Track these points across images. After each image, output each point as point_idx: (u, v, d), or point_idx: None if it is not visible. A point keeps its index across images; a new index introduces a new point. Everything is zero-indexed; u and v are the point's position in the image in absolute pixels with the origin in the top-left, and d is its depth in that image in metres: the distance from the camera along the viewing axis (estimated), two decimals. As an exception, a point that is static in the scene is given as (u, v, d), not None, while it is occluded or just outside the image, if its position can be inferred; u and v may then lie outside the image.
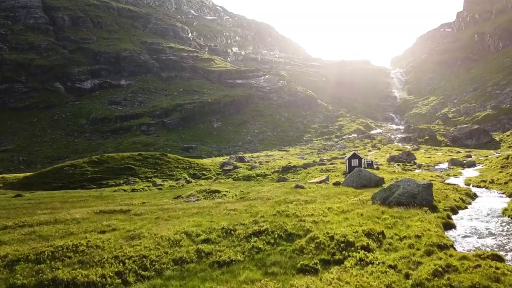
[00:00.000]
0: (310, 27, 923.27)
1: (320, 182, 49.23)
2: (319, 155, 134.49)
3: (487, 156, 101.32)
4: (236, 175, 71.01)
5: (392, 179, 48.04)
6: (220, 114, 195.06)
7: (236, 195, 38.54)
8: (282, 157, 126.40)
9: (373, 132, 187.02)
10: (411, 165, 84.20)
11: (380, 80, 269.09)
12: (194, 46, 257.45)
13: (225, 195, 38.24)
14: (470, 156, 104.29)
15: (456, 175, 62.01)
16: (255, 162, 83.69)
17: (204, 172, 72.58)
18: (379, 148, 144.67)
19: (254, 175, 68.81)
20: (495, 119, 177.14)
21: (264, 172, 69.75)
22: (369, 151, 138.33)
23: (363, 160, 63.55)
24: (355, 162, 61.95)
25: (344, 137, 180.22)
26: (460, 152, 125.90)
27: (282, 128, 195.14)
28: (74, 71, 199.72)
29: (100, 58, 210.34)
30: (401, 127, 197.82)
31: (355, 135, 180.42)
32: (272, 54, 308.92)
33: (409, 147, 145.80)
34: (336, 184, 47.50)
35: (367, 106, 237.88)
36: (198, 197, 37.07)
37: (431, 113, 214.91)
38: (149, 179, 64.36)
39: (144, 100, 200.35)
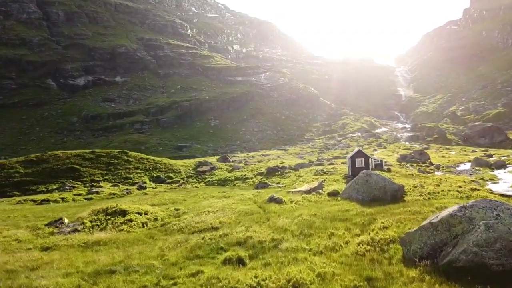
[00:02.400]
0: (313, 25, 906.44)
1: (310, 191, 33.33)
2: (320, 154, 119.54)
3: (508, 156, 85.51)
4: (211, 178, 55.87)
5: (415, 187, 31.98)
6: (218, 112, 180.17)
7: (158, 219, 23.06)
8: (279, 157, 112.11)
9: (378, 130, 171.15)
10: (427, 166, 67.92)
11: (384, 78, 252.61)
12: (193, 43, 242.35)
13: (130, 220, 22.58)
14: (491, 156, 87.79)
15: (493, 179, 46.02)
16: (240, 163, 68.10)
17: (171, 175, 57.31)
18: (385, 147, 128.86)
19: (232, 178, 53.57)
20: (507, 117, 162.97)
21: (245, 175, 54.41)
22: (375, 150, 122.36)
23: (370, 160, 47.39)
24: (360, 162, 46.08)
25: (347, 136, 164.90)
26: (476, 151, 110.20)
27: (282, 127, 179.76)
28: (67, 68, 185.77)
29: (95, 54, 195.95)
30: (407, 125, 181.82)
31: (359, 133, 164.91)
32: (274, 52, 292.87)
33: (417, 146, 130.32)
34: (333, 194, 31.76)
35: (371, 104, 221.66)
36: (85, 224, 21.46)
37: (438, 111, 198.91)
38: (94, 184, 48.87)
39: (139, 98, 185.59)
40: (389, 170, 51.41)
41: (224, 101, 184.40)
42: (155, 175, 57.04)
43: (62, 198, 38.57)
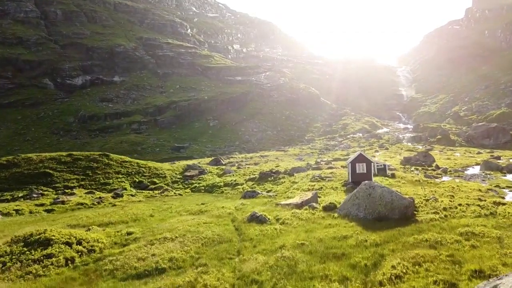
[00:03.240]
0: (314, 25, 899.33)
1: (302, 204, 27.85)
2: (320, 155, 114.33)
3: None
4: (198, 184, 50.83)
5: (427, 201, 26.54)
6: (217, 112, 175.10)
7: (95, 250, 17.83)
8: (277, 158, 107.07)
9: (379, 131, 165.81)
10: (433, 170, 62.51)
11: (386, 78, 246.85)
12: (193, 42, 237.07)
13: (50, 256, 17.16)
14: (499, 158, 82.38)
15: (510, 187, 40.03)
16: (233, 166, 62.72)
17: (155, 180, 52.14)
18: (387, 148, 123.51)
19: (221, 184, 48.44)
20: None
21: (235, 180, 49.25)
22: (376, 151, 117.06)
23: (372, 165, 41.79)
24: (361, 167, 40.75)
25: (348, 136, 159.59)
26: (481, 153, 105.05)
27: (282, 127, 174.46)
28: (64, 67, 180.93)
29: (93, 54, 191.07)
30: (409, 126, 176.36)
31: (360, 134, 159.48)
32: (274, 52, 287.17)
33: (420, 147, 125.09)
34: (329, 208, 26.43)
35: (373, 104, 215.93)
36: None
37: (440, 111, 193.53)
38: (67, 191, 43.67)
39: (137, 97, 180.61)
40: (393, 176, 46.00)
41: (224, 101, 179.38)
42: (137, 180, 51.85)
43: (17, 210, 32.90)
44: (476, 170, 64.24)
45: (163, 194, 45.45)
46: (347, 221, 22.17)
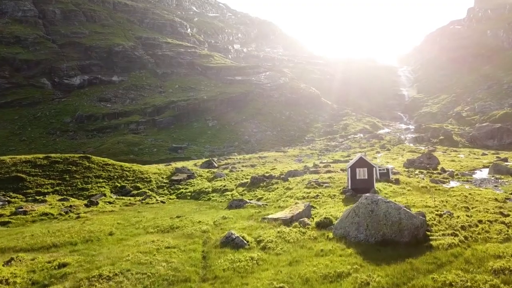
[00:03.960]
0: (315, 25, 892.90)
1: (292, 219, 23.32)
2: (320, 157, 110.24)
3: (524, 160, 75.95)
4: (185, 189, 46.64)
5: (440, 216, 22.05)
6: (216, 112, 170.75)
7: None
8: (275, 159, 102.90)
9: (380, 131, 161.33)
10: (439, 173, 57.92)
11: (387, 78, 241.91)
12: (193, 42, 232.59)
13: None
14: (506, 160, 78.28)
15: (529, 196, 35.34)
16: (226, 168, 58.27)
17: (139, 185, 47.81)
18: (388, 149, 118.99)
19: (210, 190, 44.20)
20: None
21: (224, 186, 44.97)
22: (378, 152, 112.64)
23: (375, 169, 37.13)
24: (362, 172, 36.25)
25: (349, 137, 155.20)
26: (486, 154, 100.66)
27: (282, 127, 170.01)
28: (62, 66, 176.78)
29: (91, 53, 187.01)
30: (411, 126, 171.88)
31: (361, 134, 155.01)
32: (275, 52, 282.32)
33: (423, 148, 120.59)
34: (323, 226, 21.97)
35: (374, 105, 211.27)
36: None
37: (442, 112, 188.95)
38: (38, 198, 39.33)
39: (136, 97, 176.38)
40: (397, 182, 41.44)
41: (223, 101, 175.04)
42: (119, 185, 47.54)
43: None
44: (484, 173, 59.79)
45: (143, 201, 41.15)
46: (344, 246, 17.64)
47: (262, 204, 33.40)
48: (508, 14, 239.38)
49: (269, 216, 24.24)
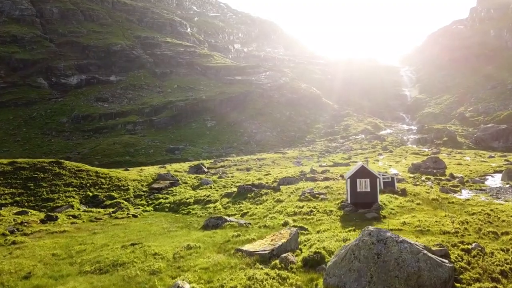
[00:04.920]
0: (317, 25, 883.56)
1: (272, 254, 17.75)
2: (320, 158, 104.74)
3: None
4: (164, 199, 41.39)
5: (466, 250, 16.33)
6: (215, 112, 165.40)
7: None
8: (273, 162, 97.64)
9: (382, 132, 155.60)
10: (448, 180, 52.15)
11: (389, 78, 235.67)
12: (192, 41, 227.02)
13: None
14: (517, 164, 71.42)
15: None
16: (215, 174, 52.60)
17: (113, 194, 42.51)
18: (391, 151, 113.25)
19: (191, 201, 38.96)
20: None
21: (209, 196, 39.75)
22: (380, 154, 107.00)
23: (378, 180, 31.30)
24: (363, 184, 30.64)
25: (350, 138, 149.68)
26: (493, 156, 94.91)
27: (282, 128, 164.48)
28: (60, 66, 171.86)
29: (89, 53, 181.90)
30: (413, 127, 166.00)
31: (363, 135, 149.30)
32: (276, 52, 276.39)
33: (426, 149, 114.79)
34: (312, 264, 17.05)
35: (376, 105, 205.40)
36: None
37: (445, 112, 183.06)
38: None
39: (133, 97, 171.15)
40: (404, 192, 35.72)
41: (222, 101, 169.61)
42: (91, 194, 42.14)
43: None
44: (497, 180, 54.17)
45: (113, 214, 35.79)
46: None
47: (245, 223, 27.95)
48: (511, 13, 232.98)
49: (245, 248, 18.66)
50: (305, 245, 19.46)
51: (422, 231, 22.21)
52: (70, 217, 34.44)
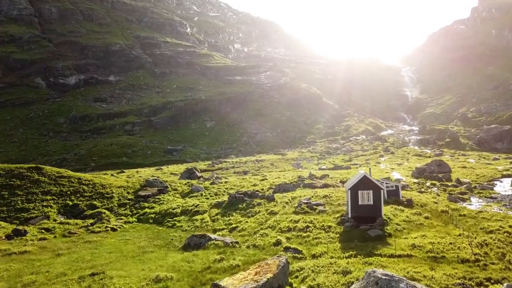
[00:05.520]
0: (317, 25, 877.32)
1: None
2: (320, 160, 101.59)
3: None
4: (150, 209, 38.39)
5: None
6: (214, 112, 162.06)
7: None
8: (272, 164, 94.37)
9: (383, 133, 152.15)
10: (455, 186, 48.72)
11: (390, 79, 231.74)
12: (192, 41, 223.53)
13: None
14: (525, 167, 67.80)
15: None
16: (207, 180, 48.87)
17: (95, 203, 39.28)
18: (392, 153, 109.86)
19: (178, 211, 35.91)
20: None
21: (197, 206, 37.02)
22: (381, 156, 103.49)
23: (383, 192, 27.78)
24: (366, 196, 27.32)
25: (351, 138, 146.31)
26: (497, 158, 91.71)
27: (282, 129, 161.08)
28: (58, 66, 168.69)
29: (88, 52, 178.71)
30: (415, 128, 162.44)
31: (364, 136, 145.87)
32: (276, 52, 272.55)
33: (428, 151, 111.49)
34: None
35: (376, 105, 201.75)
36: None
37: (447, 113, 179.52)
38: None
39: (132, 97, 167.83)
40: (410, 203, 32.25)
41: (222, 101, 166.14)
42: (71, 203, 38.76)
43: None
44: (506, 185, 51.02)
45: (91, 227, 32.48)
46: None
47: (231, 242, 24.59)
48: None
49: (223, 284, 15.20)
50: (296, 276, 16.19)
51: (436, 257, 18.88)
52: (42, 231, 31.11)
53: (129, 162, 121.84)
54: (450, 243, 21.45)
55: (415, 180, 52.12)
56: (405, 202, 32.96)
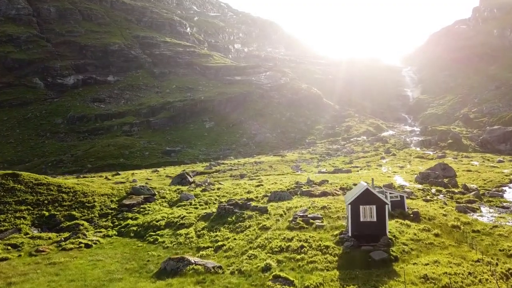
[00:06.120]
0: (318, 25, 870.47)
1: None
2: (320, 162, 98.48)
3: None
4: (134, 220, 35.54)
5: None
6: (214, 113, 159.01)
7: None
8: (271, 166, 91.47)
9: (384, 134, 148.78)
10: (462, 193, 45.66)
11: (390, 79, 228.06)
12: (192, 41, 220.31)
13: None
14: (533, 172, 64.40)
15: None
16: (199, 187, 45.59)
17: (74, 213, 36.18)
18: (394, 154, 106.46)
19: (163, 223, 33.02)
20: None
21: (184, 217, 34.37)
22: (382, 158, 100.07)
23: (387, 207, 24.30)
24: (368, 211, 24.08)
25: (352, 139, 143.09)
26: (502, 161, 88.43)
27: (282, 129, 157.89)
28: (56, 66, 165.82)
29: (86, 52, 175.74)
30: (416, 128, 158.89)
31: (365, 137, 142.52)
32: (277, 52, 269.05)
33: (431, 153, 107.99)
34: None
35: (377, 106, 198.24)
36: None
37: (449, 113, 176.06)
38: None
39: (131, 98, 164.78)
40: (416, 217, 28.96)
41: (221, 101, 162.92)
42: (47, 213, 35.35)
43: None
44: (515, 191, 47.06)
45: (62, 244, 29.21)
46: None
47: (213, 267, 21.30)
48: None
49: None
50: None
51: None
52: (8, 248, 27.80)
53: (126, 164, 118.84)
54: (469, 273, 18.10)
55: (420, 186, 48.77)
56: (412, 215, 29.59)
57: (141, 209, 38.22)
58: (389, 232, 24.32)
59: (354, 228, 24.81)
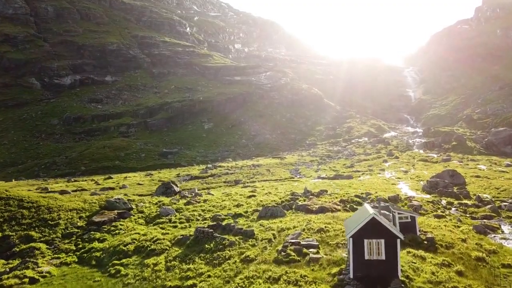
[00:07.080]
0: (319, 25, 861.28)
1: None
2: (320, 165, 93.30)
3: None
4: (101, 242, 30.79)
5: None
6: (213, 114, 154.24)
7: None
8: (268, 170, 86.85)
9: (386, 135, 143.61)
10: (477, 207, 40.22)
11: (392, 79, 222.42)
12: (191, 41, 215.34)
13: None
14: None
15: None
16: (184, 198, 40.28)
17: (32, 233, 32.02)
18: (397, 157, 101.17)
19: (131, 248, 28.53)
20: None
21: (156, 241, 29.25)
22: (385, 161, 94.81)
23: (399, 241, 18.91)
24: (375, 247, 18.67)
25: (353, 141, 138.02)
26: (510, 165, 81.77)
27: (282, 130, 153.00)
28: (53, 66, 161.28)
29: (84, 52, 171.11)
30: (419, 129, 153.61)
31: (366, 138, 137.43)
32: (277, 52, 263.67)
33: (435, 155, 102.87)
34: None
35: (379, 106, 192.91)
36: None
37: (451, 114, 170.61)
38: None
39: (129, 98, 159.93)
40: (431, 244, 23.90)
41: (220, 102, 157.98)
42: (1, 235, 30.06)
43: None
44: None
45: (2, 278, 24.04)
46: None
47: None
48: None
49: None
50: None
51: None
52: None
53: (121, 166, 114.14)
54: None
55: (428, 197, 43.59)
56: (425, 242, 24.29)
57: (112, 228, 33.13)
58: (400, 272, 18.97)
59: (357, 268, 19.39)
